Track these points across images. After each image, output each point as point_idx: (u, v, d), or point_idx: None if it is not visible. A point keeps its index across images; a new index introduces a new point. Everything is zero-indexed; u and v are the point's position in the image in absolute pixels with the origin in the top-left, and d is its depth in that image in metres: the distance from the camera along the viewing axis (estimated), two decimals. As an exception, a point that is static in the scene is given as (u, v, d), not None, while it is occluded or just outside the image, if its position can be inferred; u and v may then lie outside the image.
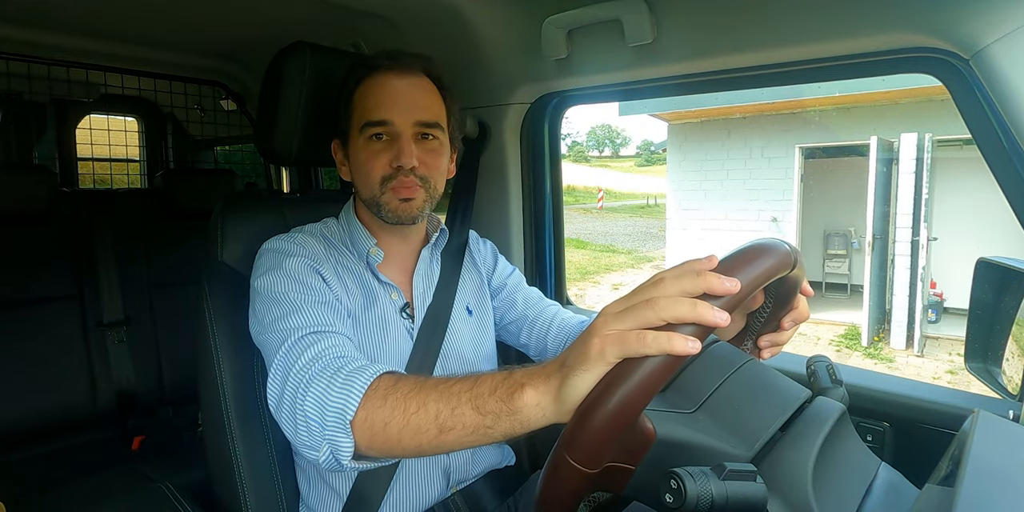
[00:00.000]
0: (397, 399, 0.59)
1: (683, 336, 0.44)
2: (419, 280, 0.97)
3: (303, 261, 0.83)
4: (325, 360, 0.68)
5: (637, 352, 0.45)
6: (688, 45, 1.01)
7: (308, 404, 0.64)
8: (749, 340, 0.76)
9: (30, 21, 1.50)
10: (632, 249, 11.86)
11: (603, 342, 0.46)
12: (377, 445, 0.60)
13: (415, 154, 0.85)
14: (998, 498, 0.40)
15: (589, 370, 0.47)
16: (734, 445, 0.55)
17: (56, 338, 1.70)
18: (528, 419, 0.51)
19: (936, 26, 0.77)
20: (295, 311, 0.76)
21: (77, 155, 2.74)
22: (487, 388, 0.54)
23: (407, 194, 0.86)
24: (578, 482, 0.50)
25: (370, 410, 0.60)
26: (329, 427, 0.62)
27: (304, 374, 0.67)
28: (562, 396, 0.49)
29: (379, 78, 0.87)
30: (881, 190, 5.43)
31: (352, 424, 0.60)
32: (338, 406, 0.62)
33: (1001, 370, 0.85)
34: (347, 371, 0.65)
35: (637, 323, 0.46)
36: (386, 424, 0.59)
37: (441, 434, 0.56)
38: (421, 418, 0.57)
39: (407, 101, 0.87)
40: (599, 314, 0.49)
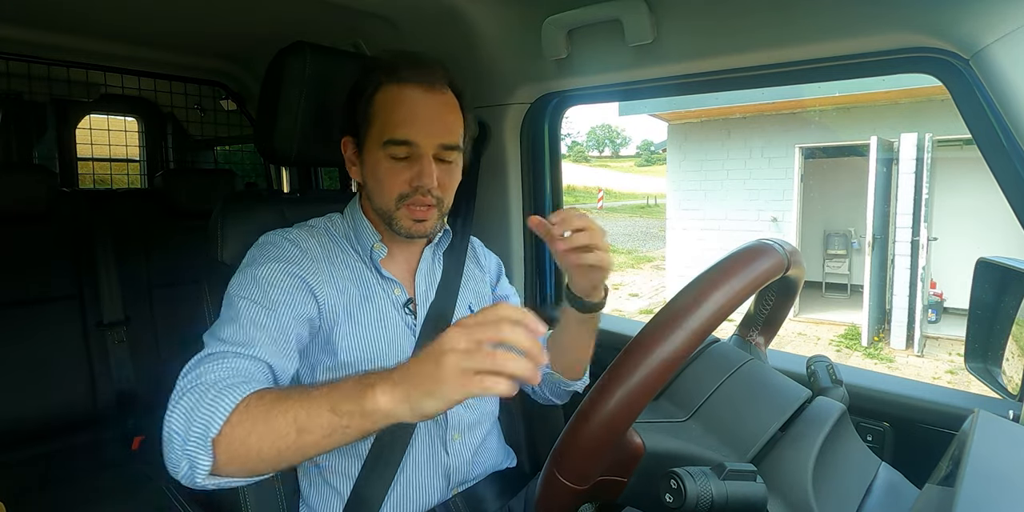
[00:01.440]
0: (259, 410, 0.61)
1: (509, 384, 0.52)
2: (421, 278, 0.97)
3: (282, 266, 0.82)
4: (210, 377, 0.67)
5: (487, 392, 0.51)
6: (688, 45, 1.01)
7: (174, 418, 0.63)
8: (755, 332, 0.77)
9: (30, 21, 1.50)
10: (632, 249, 11.85)
11: (456, 383, 0.52)
12: (237, 460, 0.61)
13: (436, 175, 0.84)
14: (998, 498, 0.40)
15: (440, 400, 0.53)
16: (725, 454, 0.55)
17: (56, 338, 1.70)
18: (379, 420, 0.56)
19: (936, 26, 0.77)
20: (234, 320, 0.75)
21: (77, 155, 2.74)
22: (343, 392, 0.58)
23: (422, 215, 0.86)
24: (570, 497, 0.51)
25: (234, 425, 0.60)
26: (191, 442, 0.61)
27: (185, 385, 0.67)
28: (413, 408, 0.55)
29: (404, 91, 0.83)
30: (881, 190, 5.43)
31: (215, 441, 0.60)
32: (203, 422, 0.61)
33: (1001, 370, 0.85)
34: (220, 387, 0.64)
35: (482, 365, 0.52)
36: (248, 434, 0.60)
37: (300, 436, 0.58)
38: (280, 423, 0.58)
39: (433, 122, 0.84)
40: (446, 346, 0.53)
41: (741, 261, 0.54)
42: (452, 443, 0.91)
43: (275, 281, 0.80)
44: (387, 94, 0.84)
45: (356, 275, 0.90)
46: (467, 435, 0.94)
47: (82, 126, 2.76)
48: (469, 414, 0.95)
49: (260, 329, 0.75)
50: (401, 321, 0.92)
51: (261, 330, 0.75)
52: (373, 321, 0.88)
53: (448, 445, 0.91)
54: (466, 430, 0.94)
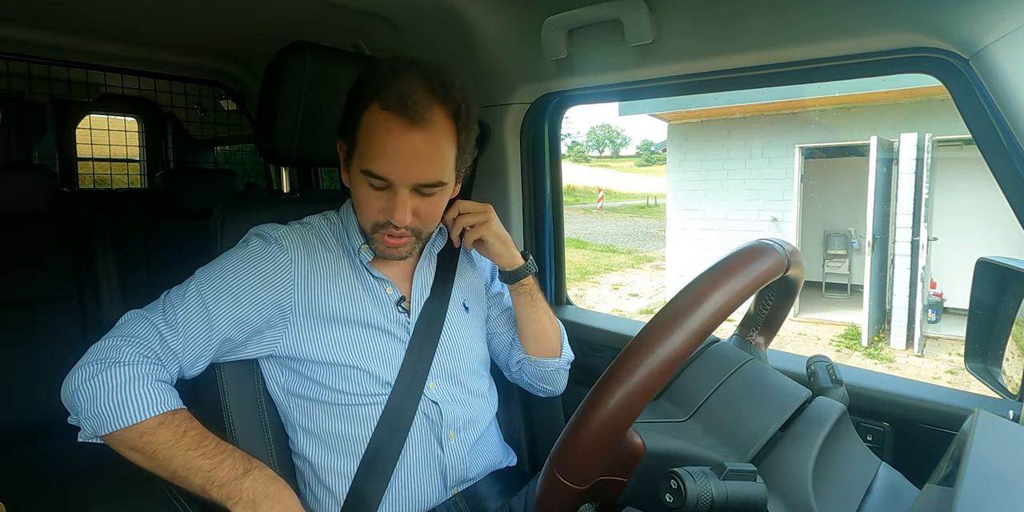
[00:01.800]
0: (149, 442, 0.72)
1: None
2: (418, 277, 0.97)
3: (251, 273, 0.84)
4: (126, 354, 0.76)
5: None
6: (688, 45, 1.01)
7: (83, 387, 0.75)
8: (755, 332, 0.77)
9: (30, 21, 1.50)
10: (632, 249, 11.86)
11: None
12: (117, 446, 0.74)
13: (409, 208, 0.82)
14: (998, 498, 0.40)
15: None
16: (725, 455, 0.55)
17: (56, 338, 1.70)
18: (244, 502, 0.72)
19: (936, 26, 0.77)
20: (176, 303, 0.81)
21: (77, 155, 2.74)
22: (219, 479, 0.73)
23: (395, 243, 0.87)
24: (570, 498, 0.51)
25: (126, 434, 0.73)
26: (86, 419, 0.74)
27: (102, 345, 0.78)
28: None
29: (389, 123, 0.78)
30: (881, 190, 5.42)
31: (103, 436, 0.74)
32: (100, 417, 0.73)
33: (1001, 370, 0.85)
34: (130, 385, 0.74)
35: None
36: (133, 450, 0.73)
37: (172, 476, 0.74)
38: (161, 466, 0.73)
39: (411, 159, 0.79)
40: None
41: (741, 261, 0.54)
42: (448, 441, 0.91)
43: (235, 283, 0.83)
44: (372, 118, 0.79)
45: (338, 276, 0.90)
46: (463, 433, 0.94)
47: (82, 126, 2.76)
48: (464, 412, 0.95)
49: (190, 325, 0.80)
50: (388, 320, 0.91)
51: (190, 326, 0.80)
52: (353, 320, 0.88)
53: (444, 443, 0.91)
54: (462, 428, 0.94)
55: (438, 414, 0.91)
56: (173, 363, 0.79)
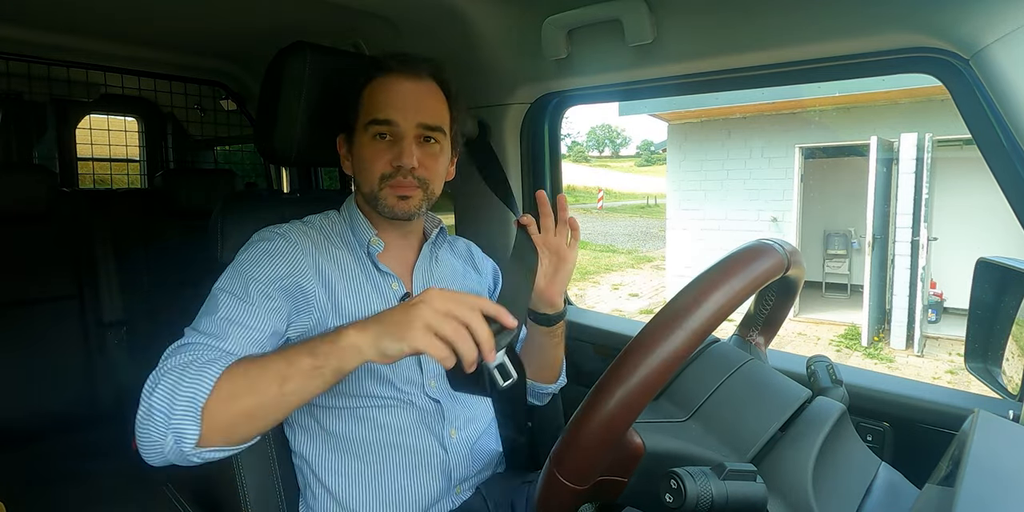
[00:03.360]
0: (240, 371, 0.67)
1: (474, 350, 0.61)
2: (419, 274, 0.98)
3: (272, 262, 0.84)
4: (186, 358, 0.71)
5: (433, 355, 0.61)
6: (688, 45, 1.01)
7: (155, 398, 0.66)
8: (755, 332, 0.77)
9: (30, 21, 1.50)
10: (632, 249, 11.86)
11: (419, 333, 0.60)
12: (221, 423, 0.65)
13: (416, 156, 0.87)
14: (998, 498, 0.40)
15: (403, 343, 0.61)
16: (725, 454, 0.55)
17: (56, 338, 1.70)
18: (350, 357, 0.64)
19: (936, 26, 0.77)
20: (211, 313, 0.78)
21: (77, 155, 2.74)
22: (318, 338, 0.66)
23: (405, 192, 0.89)
24: (570, 497, 0.51)
25: (219, 391, 0.65)
26: (176, 415, 0.64)
27: (160, 371, 0.70)
28: (378, 347, 0.63)
29: (388, 79, 0.89)
30: (881, 190, 5.42)
31: (203, 409, 0.64)
32: (189, 394, 0.65)
33: (1001, 370, 0.85)
34: (199, 363, 0.69)
35: (446, 334, 0.60)
36: (230, 396, 0.65)
37: (282, 386, 0.64)
38: (263, 378, 0.65)
39: (413, 103, 0.89)
40: (425, 300, 0.62)
41: (741, 261, 0.54)
42: (449, 440, 0.92)
43: (258, 276, 0.82)
44: (374, 85, 0.90)
45: (348, 270, 0.91)
46: (463, 431, 0.94)
47: (82, 126, 2.76)
48: (465, 410, 0.95)
49: (234, 323, 0.77)
50: None
51: (235, 324, 0.77)
52: (361, 315, 0.88)
53: (445, 442, 0.91)
54: (462, 426, 0.94)
55: (439, 412, 0.91)
56: (227, 357, 0.74)
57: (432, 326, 0.60)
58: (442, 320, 0.61)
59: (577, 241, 0.95)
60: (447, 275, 1.03)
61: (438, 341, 0.60)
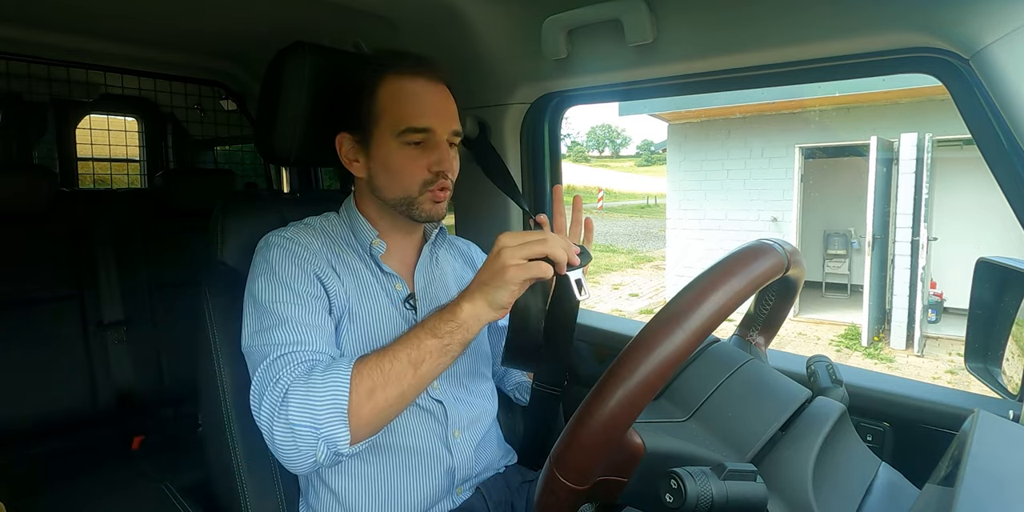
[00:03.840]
0: (371, 367, 0.71)
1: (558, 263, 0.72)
2: (420, 274, 0.98)
3: (297, 263, 0.84)
4: (298, 371, 0.73)
5: (535, 276, 0.70)
6: (688, 45, 1.01)
7: (292, 414, 0.68)
8: (755, 332, 0.77)
9: (30, 21, 1.50)
10: (632, 249, 11.86)
11: (515, 270, 0.69)
12: (367, 419, 0.70)
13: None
14: (998, 498, 0.40)
15: (505, 288, 0.70)
16: (725, 455, 0.55)
17: (56, 338, 1.70)
18: (471, 326, 0.72)
19: (936, 26, 0.77)
20: (280, 324, 0.78)
21: (77, 155, 2.74)
22: (433, 319, 0.73)
23: (442, 197, 0.90)
24: (570, 497, 0.51)
25: (357, 390, 0.69)
26: (324, 425, 0.68)
27: (278, 390, 0.71)
28: (491, 304, 0.72)
29: (412, 82, 0.88)
30: (881, 190, 5.43)
31: (349, 410, 0.69)
32: (330, 401, 0.68)
33: (1001, 370, 0.85)
34: (320, 370, 0.72)
35: (533, 253, 0.70)
36: (371, 391, 0.69)
37: (416, 370, 0.71)
38: (396, 367, 0.70)
39: (444, 110, 0.90)
40: (500, 246, 0.71)
41: (741, 261, 0.54)
42: (454, 440, 0.92)
43: (296, 278, 0.83)
44: (393, 86, 0.87)
45: (354, 272, 0.91)
46: (467, 432, 0.94)
47: (82, 126, 2.76)
48: (468, 411, 0.95)
49: (309, 327, 0.78)
50: (400, 317, 0.92)
51: (310, 326, 0.79)
52: (373, 317, 0.89)
53: (450, 442, 0.91)
54: (466, 427, 0.94)
55: (443, 413, 0.92)
56: (324, 358, 0.77)
57: (523, 256, 0.69)
58: (527, 248, 0.69)
59: (591, 242, 0.95)
60: (447, 277, 1.03)
61: (533, 263, 0.69)
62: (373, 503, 0.87)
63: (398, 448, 0.88)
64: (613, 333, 1.27)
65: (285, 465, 0.72)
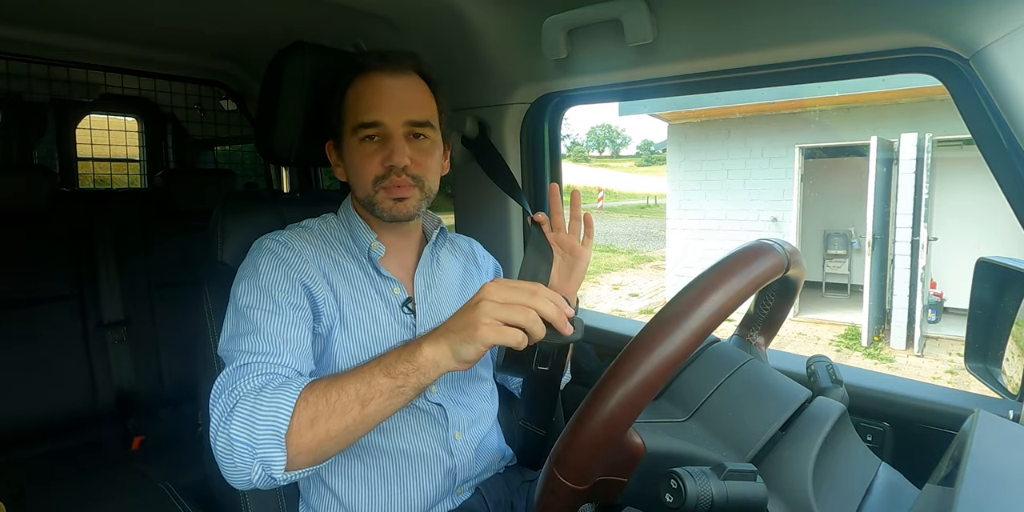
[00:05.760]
0: (318, 395, 0.66)
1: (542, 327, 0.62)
2: (420, 277, 0.97)
3: (284, 270, 0.83)
4: (252, 384, 0.70)
5: (505, 344, 0.62)
6: (688, 45, 1.01)
7: (234, 428, 0.66)
8: (755, 332, 0.77)
9: (30, 21, 1.50)
10: (632, 249, 11.86)
11: (487, 329, 0.61)
12: (306, 448, 0.65)
13: (407, 153, 0.86)
14: (998, 498, 0.40)
15: (476, 343, 0.62)
16: (725, 455, 0.55)
17: (56, 338, 1.70)
18: (429, 371, 0.65)
19: (936, 26, 0.77)
20: (253, 332, 0.77)
21: (77, 155, 2.74)
22: (392, 357, 0.66)
23: (400, 194, 0.87)
24: (570, 497, 0.51)
25: (299, 416, 0.65)
26: (260, 445, 0.64)
27: (229, 400, 0.69)
28: (455, 355, 0.64)
29: (370, 78, 0.88)
30: (881, 190, 5.43)
31: (287, 436, 0.64)
32: (269, 422, 0.65)
33: (1001, 370, 0.85)
34: (271, 388, 0.68)
35: (511, 319, 0.62)
36: (312, 421, 0.65)
37: (364, 407, 0.65)
38: (343, 400, 0.65)
39: (398, 101, 0.87)
40: (484, 296, 0.63)
41: (741, 261, 0.54)
42: (455, 442, 0.91)
43: (280, 286, 0.81)
44: (355, 86, 0.88)
45: (349, 276, 0.90)
46: (468, 434, 0.94)
47: (82, 126, 2.76)
48: (468, 414, 0.95)
49: (279, 337, 0.77)
50: (396, 321, 0.91)
51: (280, 338, 0.77)
52: (367, 323, 0.88)
53: (450, 444, 0.91)
54: (466, 429, 0.94)
55: (443, 416, 0.91)
56: (295, 375, 0.75)
57: (499, 318, 0.61)
58: (506, 310, 0.62)
59: (591, 238, 0.94)
60: (448, 278, 1.02)
61: (509, 329, 0.61)
62: (373, 504, 0.87)
63: (398, 451, 0.88)
64: (613, 333, 1.27)
65: (226, 478, 0.69)
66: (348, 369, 0.69)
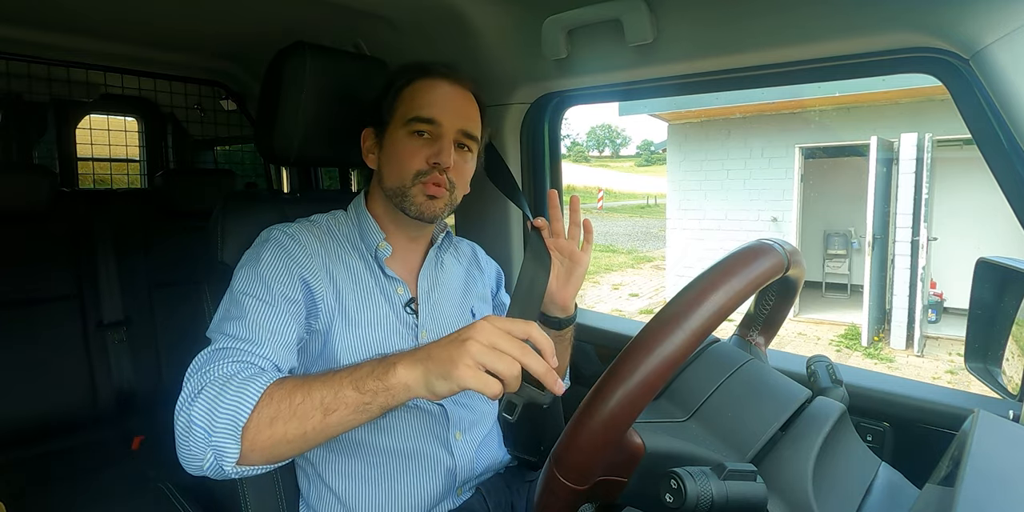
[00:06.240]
0: (283, 394, 0.64)
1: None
2: (424, 278, 0.97)
3: (285, 262, 0.83)
4: (225, 370, 0.70)
5: (479, 390, 0.57)
6: (688, 45, 1.01)
7: (196, 411, 0.65)
8: (755, 332, 0.77)
9: (30, 21, 1.50)
10: (632, 249, 11.85)
11: (467, 371, 0.57)
12: (261, 445, 0.64)
13: (453, 154, 0.88)
14: (998, 498, 0.40)
15: (451, 382, 0.58)
16: (725, 455, 0.55)
17: (56, 338, 1.70)
18: (399, 394, 0.62)
19: (936, 26, 0.77)
20: (240, 317, 0.77)
21: (77, 155, 2.74)
22: (366, 370, 0.63)
23: (435, 192, 0.88)
24: (570, 497, 0.51)
25: (260, 412, 0.64)
26: (217, 433, 0.63)
27: (198, 382, 0.69)
28: (427, 384, 0.60)
29: (434, 82, 0.91)
30: (881, 190, 5.43)
31: (244, 430, 0.63)
32: (230, 412, 0.64)
33: (1001, 370, 0.85)
34: (240, 378, 0.67)
35: (494, 366, 0.58)
36: (272, 420, 0.63)
37: (326, 417, 0.62)
38: (307, 406, 0.63)
39: (457, 108, 0.91)
40: (473, 335, 0.59)
41: (741, 261, 0.54)
42: (455, 442, 0.92)
43: (278, 278, 0.81)
44: (416, 85, 0.91)
45: (354, 274, 0.90)
46: (469, 434, 0.94)
47: (82, 126, 2.76)
48: (468, 414, 0.95)
49: (264, 328, 0.76)
50: (399, 321, 0.91)
51: (265, 329, 0.76)
52: (370, 319, 0.89)
53: (451, 444, 0.91)
54: (467, 429, 0.94)
55: (444, 416, 0.91)
56: (272, 367, 0.75)
57: (482, 363, 0.57)
58: (492, 356, 0.58)
59: (590, 244, 0.94)
60: (451, 281, 1.02)
61: (489, 378, 0.57)
62: (373, 504, 0.87)
63: (399, 450, 0.88)
64: (613, 333, 1.27)
65: (180, 460, 0.68)
66: (321, 372, 0.67)
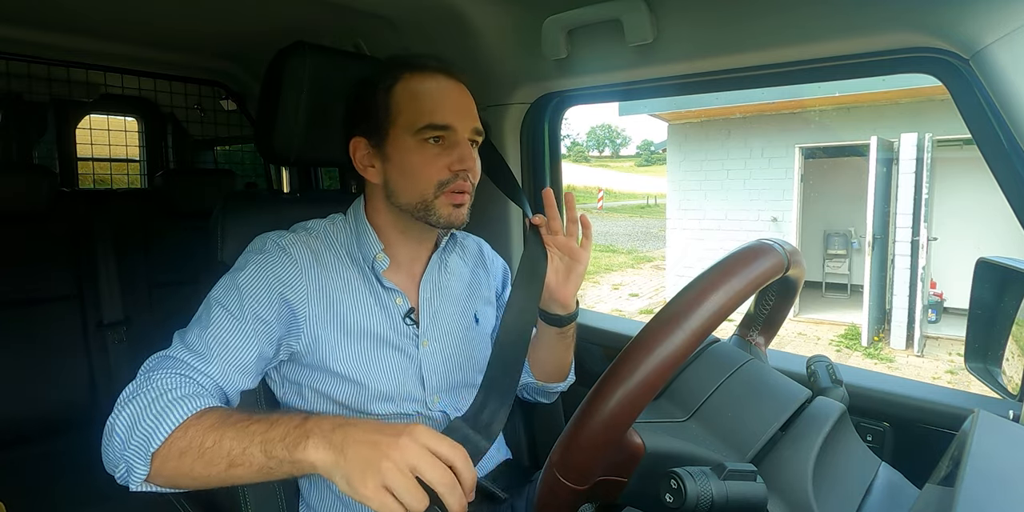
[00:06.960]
0: (198, 431, 0.63)
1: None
2: (426, 286, 0.94)
3: (268, 279, 0.81)
4: (163, 383, 0.69)
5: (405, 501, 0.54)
6: (688, 45, 1.01)
7: (120, 420, 0.66)
8: (755, 332, 0.77)
9: (30, 21, 1.50)
10: (632, 249, 11.86)
11: (371, 492, 0.54)
12: (167, 473, 0.64)
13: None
14: (998, 498, 0.40)
15: (351, 490, 0.55)
16: (725, 455, 0.55)
17: (56, 338, 1.70)
18: (304, 469, 0.59)
19: (936, 26, 0.77)
20: (203, 328, 0.76)
21: (77, 155, 2.74)
22: (279, 433, 0.60)
23: (461, 200, 0.84)
24: (570, 497, 0.51)
25: (172, 443, 0.63)
26: (131, 449, 0.64)
27: (139, 386, 0.69)
28: (332, 476, 0.57)
29: (431, 78, 0.84)
30: (881, 190, 5.43)
31: (153, 455, 0.64)
32: (145, 433, 0.64)
33: (1001, 370, 0.85)
34: (172, 397, 0.67)
35: (428, 474, 0.55)
36: (182, 453, 0.63)
37: (230, 469, 0.61)
38: (214, 453, 0.61)
39: (464, 107, 0.86)
40: (391, 456, 0.55)
41: (741, 261, 0.54)
42: (454, 442, 0.91)
43: (255, 295, 0.80)
44: (411, 84, 0.84)
45: (349, 286, 0.88)
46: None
47: (82, 126, 2.76)
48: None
49: (222, 344, 0.76)
50: (396, 333, 0.89)
51: (223, 345, 0.76)
52: (364, 333, 0.86)
53: (450, 444, 0.91)
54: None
55: (446, 420, 0.91)
56: (213, 387, 0.74)
57: (391, 488, 0.54)
58: (403, 485, 0.54)
59: (589, 241, 0.92)
60: (455, 286, 0.99)
61: (391, 504, 0.54)
62: (373, 504, 0.86)
63: None
64: (614, 333, 1.27)
65: (102, 457, 0.69)
66: (242, 416, 0.64)
